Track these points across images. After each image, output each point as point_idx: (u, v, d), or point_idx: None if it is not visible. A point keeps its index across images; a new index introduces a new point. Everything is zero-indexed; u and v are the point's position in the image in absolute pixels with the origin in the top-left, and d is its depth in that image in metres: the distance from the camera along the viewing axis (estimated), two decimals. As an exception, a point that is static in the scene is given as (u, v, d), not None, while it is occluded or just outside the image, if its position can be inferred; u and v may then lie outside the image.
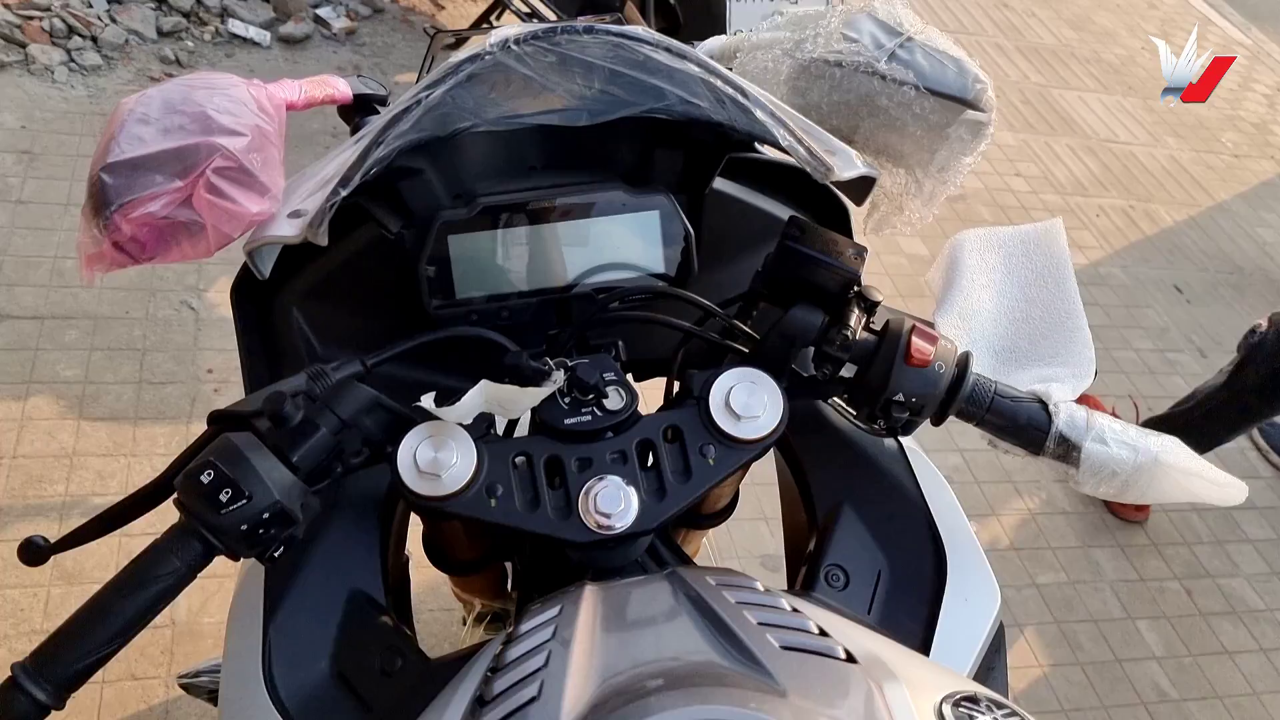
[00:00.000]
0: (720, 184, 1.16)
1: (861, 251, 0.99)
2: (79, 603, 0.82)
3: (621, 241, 1.13)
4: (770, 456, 1.15)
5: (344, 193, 0.83)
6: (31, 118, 3.40)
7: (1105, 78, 6.05)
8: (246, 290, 1.15)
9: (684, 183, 1.17)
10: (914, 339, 0.95)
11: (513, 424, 1.28)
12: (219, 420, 0.96)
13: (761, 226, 1.20)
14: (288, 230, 0.82)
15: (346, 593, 1.01)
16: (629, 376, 1.40)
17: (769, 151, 1.21)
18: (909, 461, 1.11)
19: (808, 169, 0.87)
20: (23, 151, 3.27)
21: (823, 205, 1.22)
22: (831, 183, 0.93)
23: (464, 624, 1.95)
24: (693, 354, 1.14)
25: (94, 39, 3.79)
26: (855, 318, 0.96)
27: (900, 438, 1.14)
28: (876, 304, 0.99)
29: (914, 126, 0.97)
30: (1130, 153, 5.39)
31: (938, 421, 0.99)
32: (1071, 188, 4.90)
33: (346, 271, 1.14)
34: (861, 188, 0.97)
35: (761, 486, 1.39)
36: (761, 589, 0.82)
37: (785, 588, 1.16)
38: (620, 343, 1.16)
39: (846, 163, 0.87)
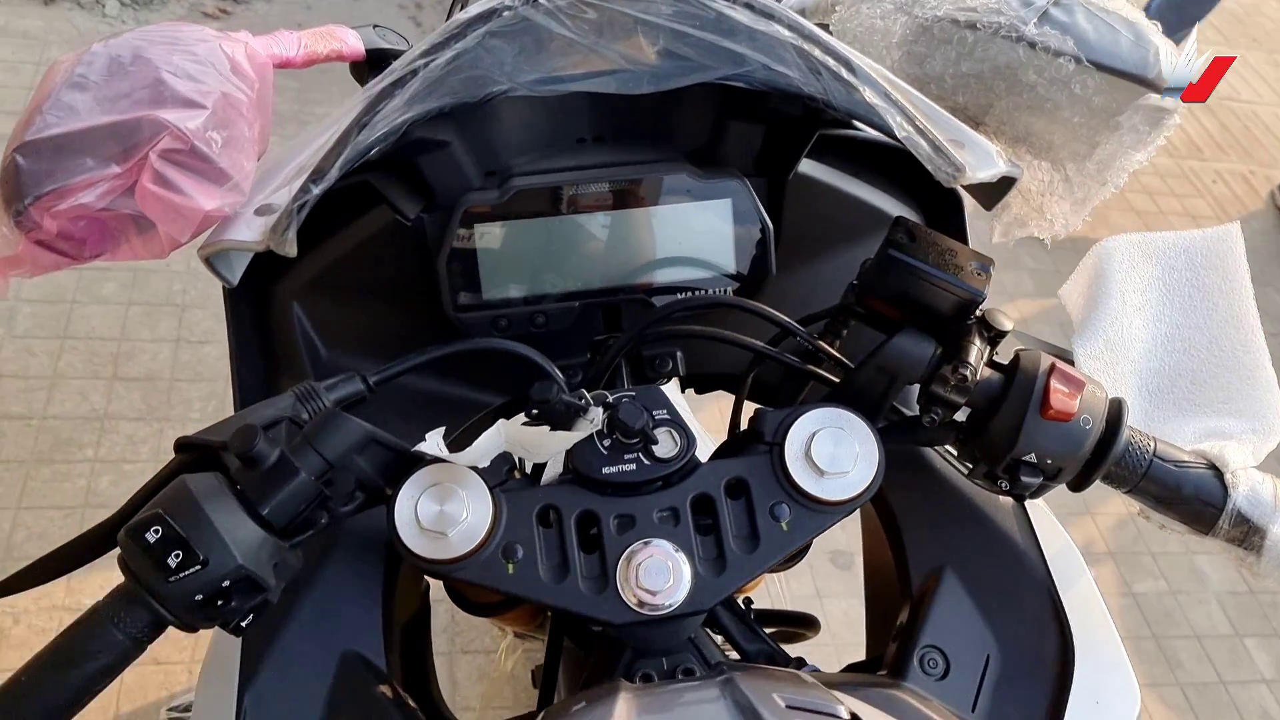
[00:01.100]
0: (808, 167, 0.96)
1: (986, 266, 0.78)
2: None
3: (685, 235, 0.94)
4: None
5: (316, 190, 0.64)
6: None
7: (1227, 28, 5.59)
8: (244, 278, 0.97)
9: (763, 164, 0.97)
10: (1053, 384, 0.74)
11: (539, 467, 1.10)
12: (188, 449, 0.79)
13: (857, 221, 0.99)
14: (247, 233, 0.64)
15: (339, 655, 0.84)
16: (688, 394, 1.21)
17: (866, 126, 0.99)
18: (1030, 521, 0.90)
19: (930, 168, 0.66)
20: (70, 89, 3.13)
21: (933, 195, 1.01)
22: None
23: (500, 648, 1.79)
24: (767, 375, 0.94)
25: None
26: (976, 351, 0.76)
27: None
28: (1004, 334, 0.78)
29: (1070, 111, 0.75)
30: (1253, 113, 4.96)
31: (1078, 487, 0.78)
32: (1186, 150, 4.51)
33: (357, 260, 0.96)
34: (996, 189, 0.76)
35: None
36: (846, 715, 0.63)
37: (865, 658, 0.97)
38: (679, 354, 0.97)
39: (983, 159, 0.66)
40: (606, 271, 0.94)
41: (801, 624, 1.32)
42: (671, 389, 1.05)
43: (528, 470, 0.92)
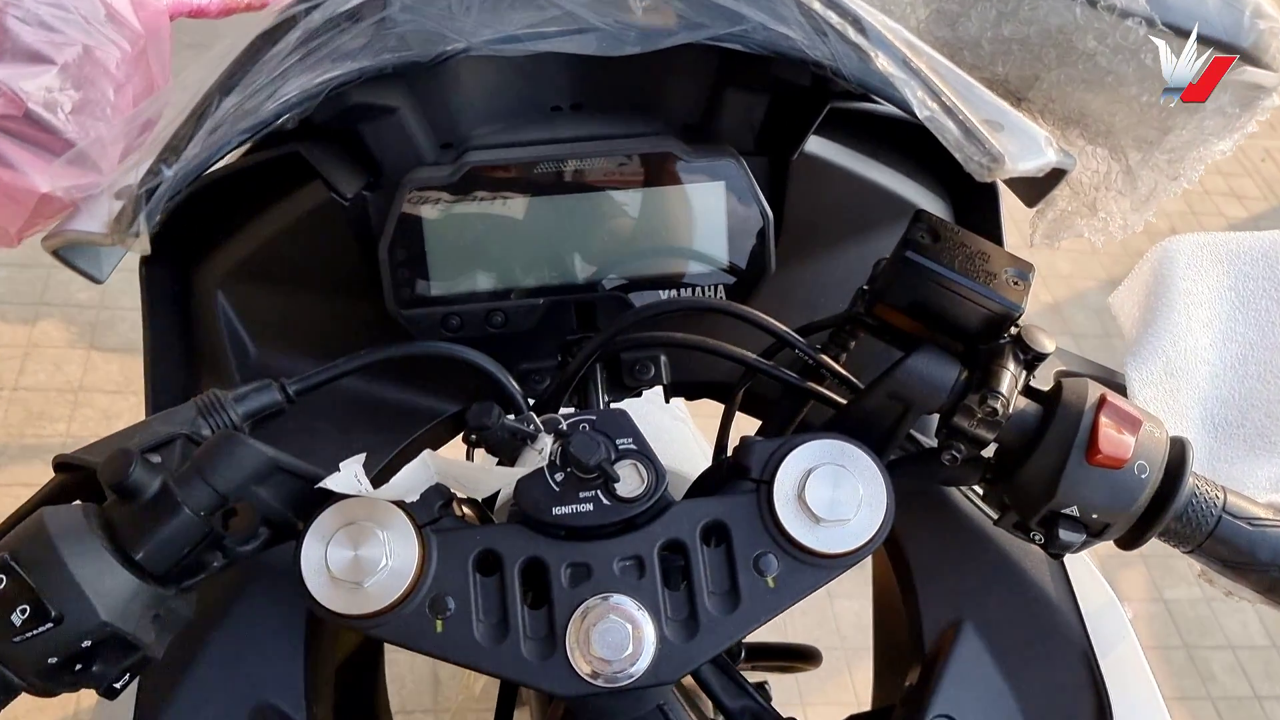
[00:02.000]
0: (816, 145, 0.82)
1: (1025, 273, 0.65)
2: None
3: (672, 222, 0.81)
4: None
5: (169, 173, 0.51)
6: None
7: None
8: (163, 260, 0.85)
9: (765, 141, 0.83)
10: (1103, 422, 0.61)
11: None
12: (68, 469, 0.67)
13: (873, 210, 0.86)
14: (93, 223, 0.51)
15: (249, 710, 0.72)
16: (677, 403, 1.07)
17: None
18: (1065, 571, 0.77)
19: (959, 157, 0.52)
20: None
21: (964, 181, 0.87)
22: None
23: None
24: (763, 387, 0.81)
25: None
26: (1010, 376, 0.62)
27: None
28: (1044, 357, 0.64)
29: (1138, 86, 0.60)
30: (1300, 88, 4.74)
31: (1128, 545, 0.65)
32: (1228, 127, 4.28)
33: (289, 244, 0.83)
34: (1041, 183, 0.62)
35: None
36: None
37: (870, 710, 0.85)
38: (663, 358, 0.84)
39: (1026, 146, 0.52)
40: (579, 263, 0.81)
41: (800, 658, 1.19)
42: (654, 396, 0.92)
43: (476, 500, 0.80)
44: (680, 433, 1.29)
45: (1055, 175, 0.58)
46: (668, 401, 0.91)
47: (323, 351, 0.73)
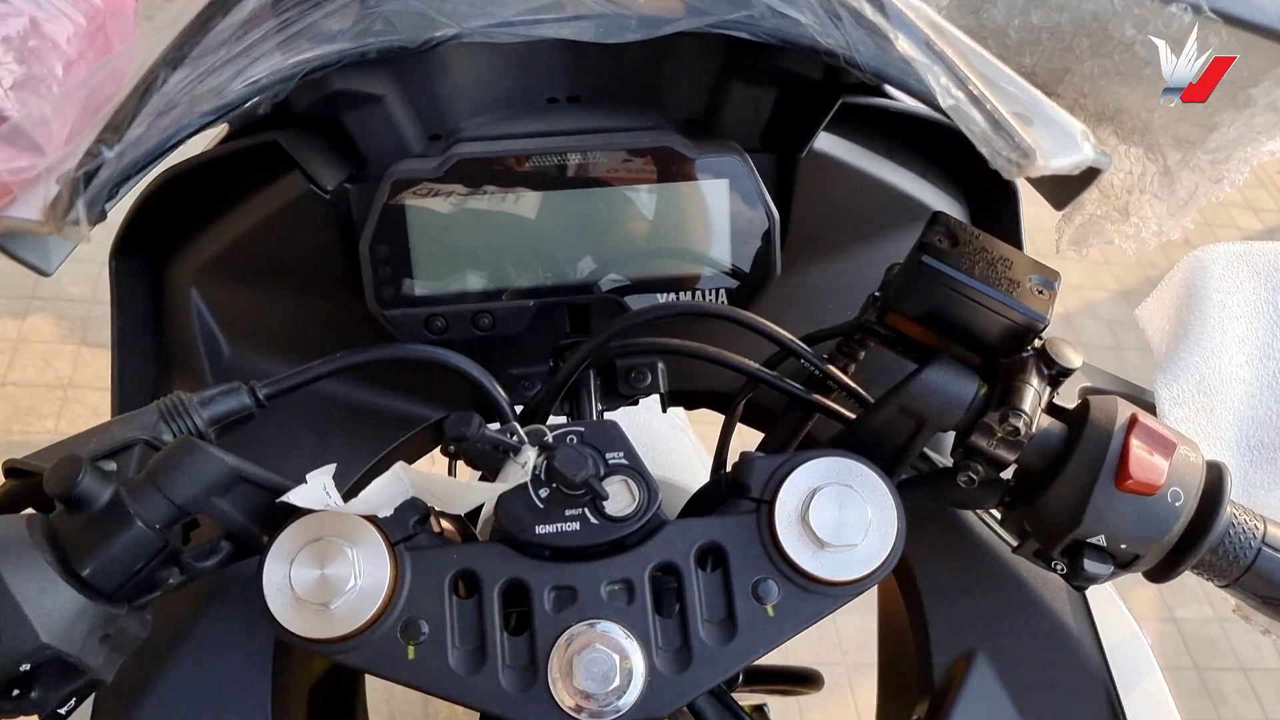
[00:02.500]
0: (827, 143, 0.77)
1: (1050, 282, 0.60)
2: None
3: (671, 221, 0.76)
4: None
5: (109, 154, 0.46)
6: None
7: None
8: (135, 253, 0.80)
9: (771, 137, 0.78)
10: (1134, 444, 0.56)
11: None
12: (18, 474, 0.63)
13: (886, 212, 0.81)
14: (27, 209, 0.46)
15: None
16: (675, 410, 1.03)
17: (902, 95, 0.80)
18: (1086, 601, 0.72)
19: (985, 151, 0.48)
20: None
21: (984, 182, 0.82)
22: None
23: None
24: (766, 399, 0.76)
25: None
26: (1033, 393, 0.57)
27: None
28: (1069, 372, 0.59)
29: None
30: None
31: (1159, 577, 0.60)
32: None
33: (267, 238, 0.78)
34: (1072, 183, 0.57)
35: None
36: None
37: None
38: (660, 366, 0.79)
39: (1060, 142, 0.47)
40: (572, 264, 0.76)
41: (801, 681, 1.14)
42: (651, 405, 0.87)
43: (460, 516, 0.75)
44: (678, 442, 1.24)
45: (1088, 175, 0.53)
46: (665, 411, 0.86)
47: (300, 353, 0.69)
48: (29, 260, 0.55)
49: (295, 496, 0.55)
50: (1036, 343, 0.60)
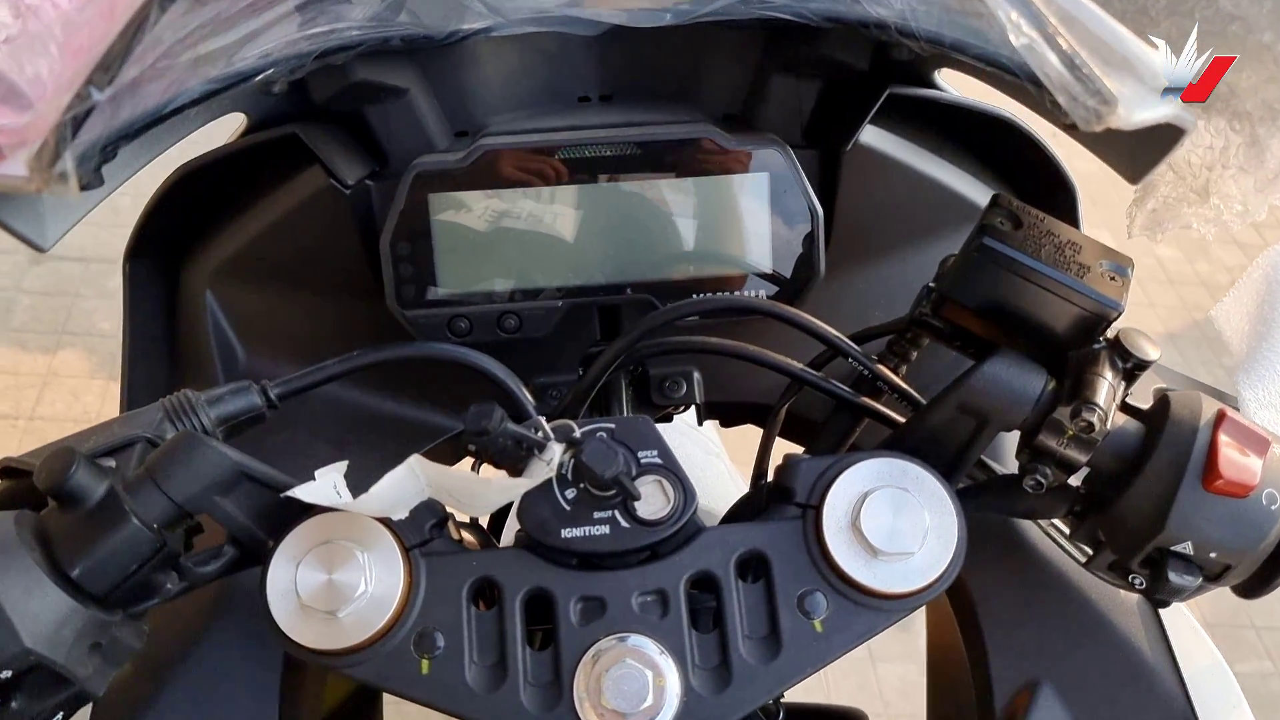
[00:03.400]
0: (872, 136, 0.73)
1: (1123, 268, 0.55)
2: None
3: (708, 219, 0.72)
4: None
5: (100, 96, 0.43)
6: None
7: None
8: (149, 255, 0.77)
9: (814, 132, 0.74)
10: (1223, 441, 0.50)
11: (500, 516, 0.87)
12: (12, 474, 0.59)
13: (936, 211, 0.76)
14: (15, 167, 0.42)
15: None
16: (709, 425, 0.98)
17: (950, 86, 0.76)
18: (1163, 627, 0.66)
19: (1062, 99, 0.43)
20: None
21: (1036, 180, 0.77)
22: (1099, 134, 0.49)
23: None
24: (809, 409, 0.71)
25: None
26: (1107, 387, 0.52)
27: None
28: (1146, 365, 0.54)
29: (1273, 33, 0.50)
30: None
31: (1250, 592, 0.54)
32: None
33: (284, 236, 0.75)
34: (1147, 148, 0.52)
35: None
36: None
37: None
38: (696, 375, 0.75)
39: (1141, 92, 0.43)
40: (603, 263, 0.72)
41: None
42: (688, 420, 0.82)
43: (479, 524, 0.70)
44: (714, 468, 1.19)
45: (1169, 137, 0.48)
46: (701, 424, 0.81)
47: (317, 358, 0.65)
48: (20, 231, 0.51)
49: (302, 492, 0.51)
50: (1109, 333, 0.55)
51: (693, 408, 0.78)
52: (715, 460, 1.22)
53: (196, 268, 0.77)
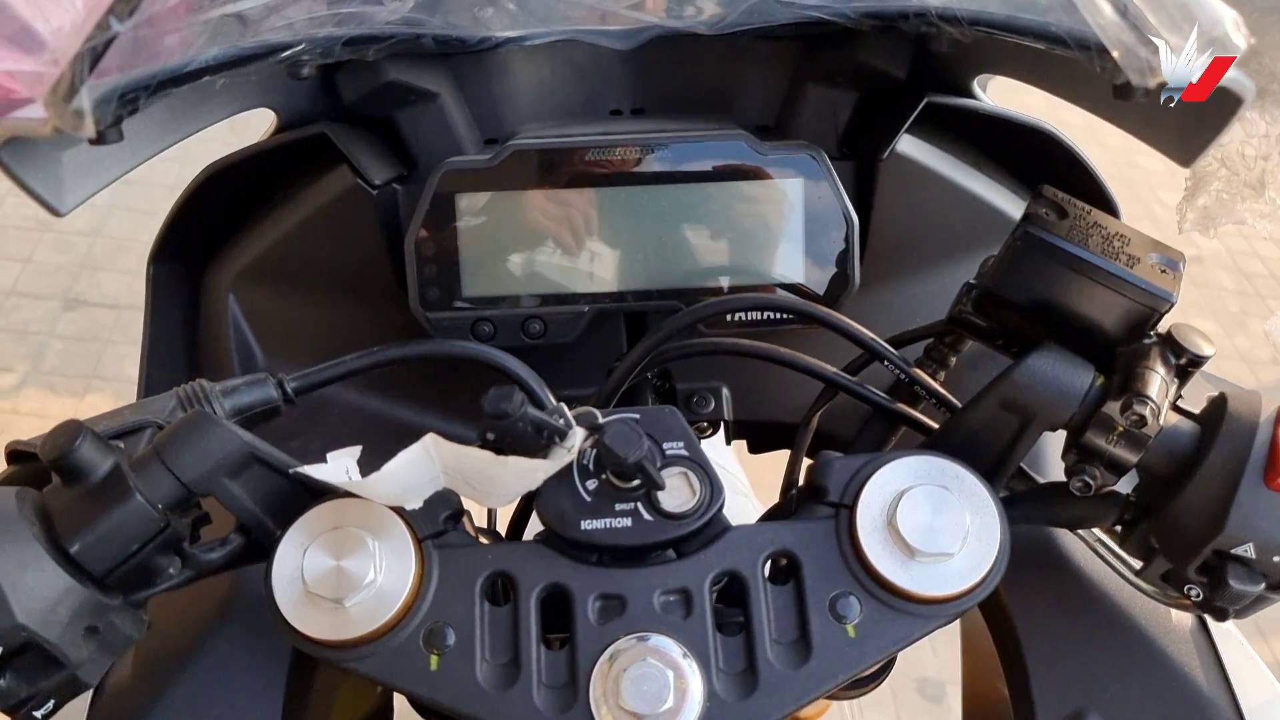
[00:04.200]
0: (909, 146, 0.71)
1: (1174, 262, 0.53)
2: None
3: (739, 225, 0.71)
4: None
5: (120, 28, 0.42)
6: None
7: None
8: (173, 259, 0.76)
9: (849, 144, 0.73)
10: (1284, 437, 0.47)
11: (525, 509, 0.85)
12: (19, 458, 0.57)
13: (971, 224, 0.74)
14: (35, 110, 0.42)
15: None
16: (734, 470, 0.95)
17: (988, 97, 0.75)
18: (1217, 652, 0.62)
19: (1117, 54, 0.41)
20: (140, 132, 3.09)
21: (1074, 194, 0.76)
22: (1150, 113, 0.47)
23: None
24: (840, 424, 0.69)
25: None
26: (1160, 381, 0.49)
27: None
28: (1202, 361, 0.51)
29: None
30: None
31: None
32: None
33: (307, 238, 0.74)
34: (1199, 124, 0.50)
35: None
36: None
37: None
38: (725, 392, 0.72)
39: (1198, 44, 0.41)
40: (630, 269, 0.70)
41: None
42: (717, 443, 0.79)
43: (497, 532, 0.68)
44: (741, 508, 1.16)
45: (1221, 115, 0.46)
46: (729, 443, 0.79)
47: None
48: (37, 190, 0.50)
49: (313, 470, 0.49)
50: (1160, 328, 0.52)
51: (721, 428, 0.76)
52: (743, 500, 1.19)
53: (220, 271, 0.77)
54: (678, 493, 0.52)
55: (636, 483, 0.52)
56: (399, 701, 0.92)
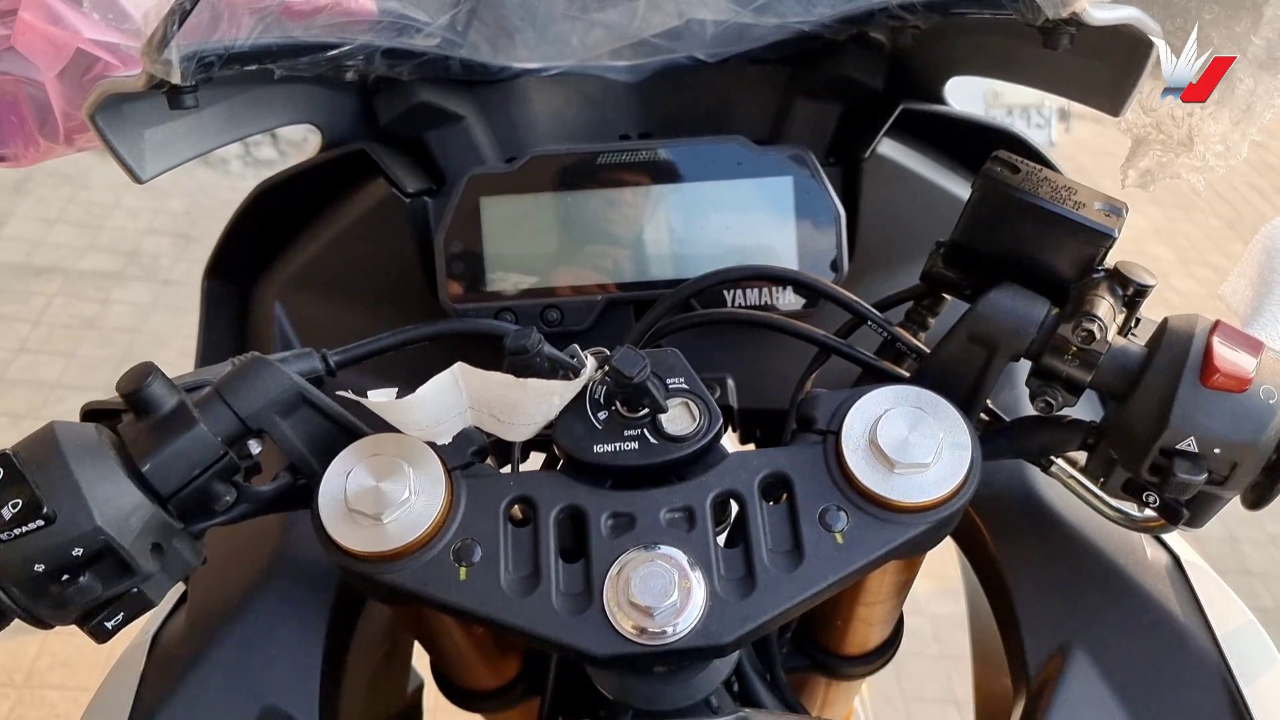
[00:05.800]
0: (889, 148, 0.78)
1: (1117, 208, 0.59)
2: None
3: (736, 220, 0.78)
4: (949, 554, 0.74)
5: None
6: (197, 204, 3.39)
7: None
8: (226, 273, 0.84)
9: (835, 150, 0.80)
10: (1217, 342, 0.53)
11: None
12: (95, 417, 0.64)
13: (949, 221, 0.81)
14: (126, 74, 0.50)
15: (257, 711, 0.64)
16: (733, 437, 1.01)
17: (957, 103, 0.83)
18: (1192, 586, 0.66)
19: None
20: (180, 234, 3.25)
21: None
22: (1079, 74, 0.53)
23: None
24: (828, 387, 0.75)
25: (273, 134, 3.78)
26: (1106, 305, 0.55)
27: (1177, 540, 0.70)
28: (1146, 290, 0.57)
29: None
30: None
31: (1258, 500, 0.56)
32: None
33: (346, 245, 0.82)
34: (1121, 68, 0.57)
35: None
36: None
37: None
38: (730, 382, 0.78)
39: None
40: (639, 262, 0.77)
41: None
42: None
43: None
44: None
45: (1137, 60, 0.52)
46: (734, 430, 0.84)
47: (374, 368, 0.70)
48: (124, 156, 0.57)
49: (353, 394, 0.55)
50: (1109, 264, 0.59)
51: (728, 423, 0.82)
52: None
53: (268, 282, 0.84)
54: (680, 419, 0.58)
55: (643, 412, 0.58)
56: (429, 700, 0.96)
